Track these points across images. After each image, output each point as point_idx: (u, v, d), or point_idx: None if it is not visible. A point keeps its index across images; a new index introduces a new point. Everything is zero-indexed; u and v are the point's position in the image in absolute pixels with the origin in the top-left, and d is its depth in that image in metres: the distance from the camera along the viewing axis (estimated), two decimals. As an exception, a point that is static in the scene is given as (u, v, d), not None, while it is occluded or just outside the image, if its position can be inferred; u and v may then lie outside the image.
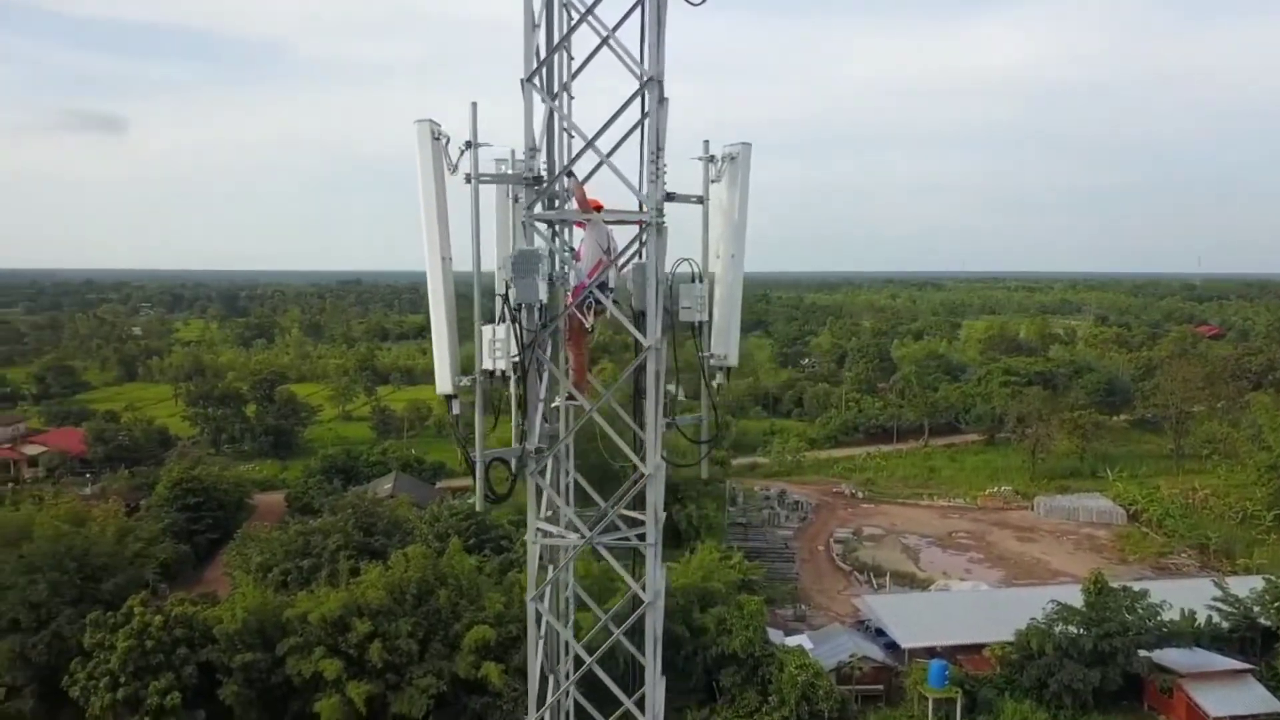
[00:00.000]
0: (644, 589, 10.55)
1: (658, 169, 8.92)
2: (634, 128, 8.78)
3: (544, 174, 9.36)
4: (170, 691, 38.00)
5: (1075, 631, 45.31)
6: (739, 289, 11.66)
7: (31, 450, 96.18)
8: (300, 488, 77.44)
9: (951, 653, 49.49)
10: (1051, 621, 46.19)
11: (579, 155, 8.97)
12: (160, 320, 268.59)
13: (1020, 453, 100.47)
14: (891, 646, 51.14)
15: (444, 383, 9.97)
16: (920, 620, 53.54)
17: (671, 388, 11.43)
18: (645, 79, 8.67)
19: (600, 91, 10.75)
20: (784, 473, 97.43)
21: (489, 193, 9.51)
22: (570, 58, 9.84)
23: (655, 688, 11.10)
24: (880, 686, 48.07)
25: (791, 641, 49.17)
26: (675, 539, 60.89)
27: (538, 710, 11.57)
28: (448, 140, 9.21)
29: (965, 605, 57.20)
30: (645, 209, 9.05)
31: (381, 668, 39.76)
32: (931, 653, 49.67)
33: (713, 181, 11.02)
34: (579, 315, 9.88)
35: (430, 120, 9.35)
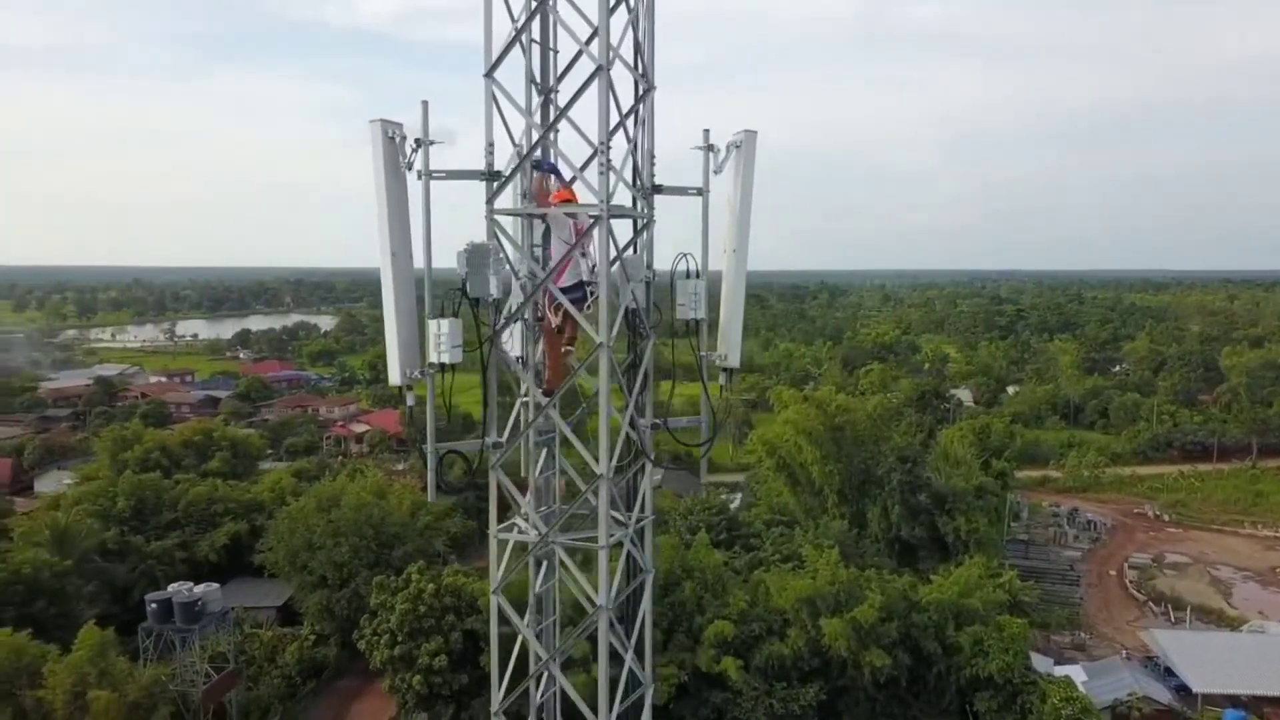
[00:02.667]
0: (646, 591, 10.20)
1: (607, 160, 8.64)
2: (623, 117, 8.54)
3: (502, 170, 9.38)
4: (439, 654, 41.50)
5: None
6: (742, 286, 11.08)
7: (359, 429, 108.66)
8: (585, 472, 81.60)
9: (1258, 704, 43.47)
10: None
11: (534, 148, 8.87)
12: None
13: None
14: (1181, 689, 45.73)
15: (395, 374, 10.21)
16: (1221, 663, 47.39)
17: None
18: (597, 67, 8.47)
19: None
20: (1079, 489, 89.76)
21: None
22: (555, 50, 9.73)
23: (605, 697, 10.85)
24: (1163, 732, 43.27)
25: (1062, 671, 45.30)
26: (942, 551, 58.00)
27: (501, 703, 11.60)
28: (403, 139, 9.51)
29: (1281, 652, 49.98)
30: (597, 201, 8.77)
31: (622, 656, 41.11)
32: (1232, 701, 43.90)
33: (716, 173, 10.46)
34: (549, 315, 9.75)
35: (384, 120, 9.55)
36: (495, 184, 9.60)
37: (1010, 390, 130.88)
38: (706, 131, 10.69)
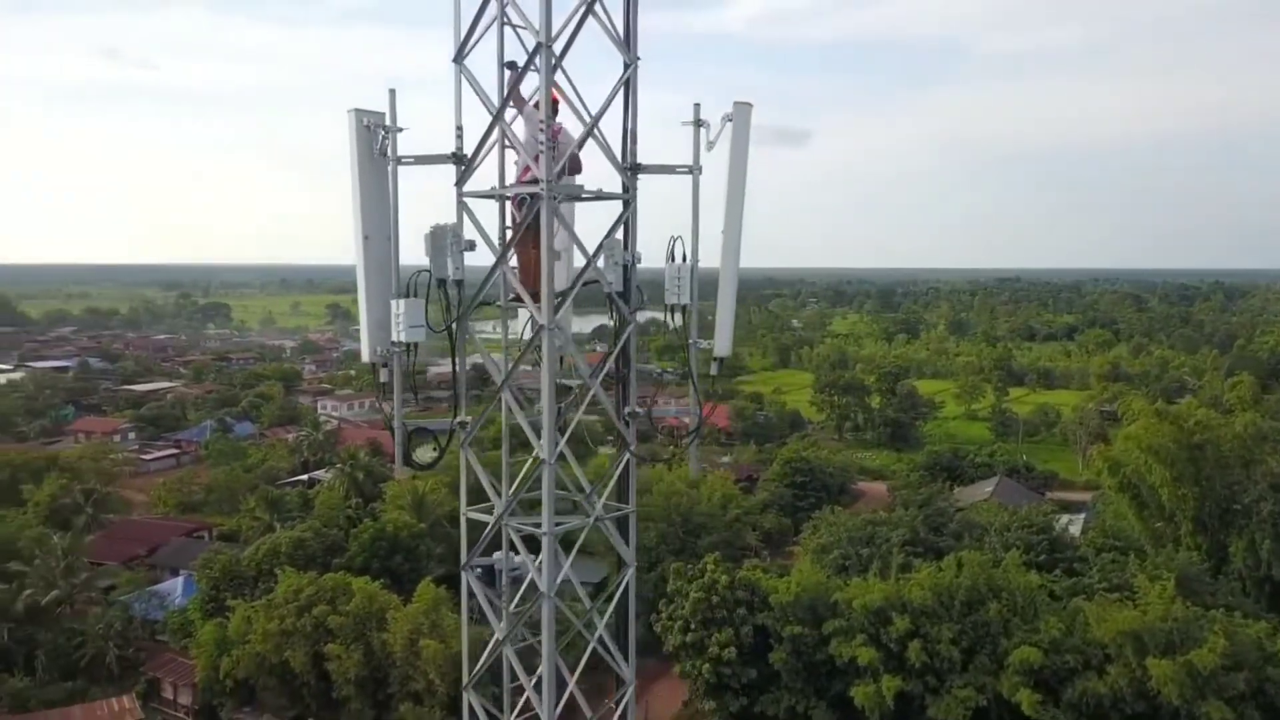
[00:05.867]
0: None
1: (550, 140, 7.95)
2: (612, 97, 7.96)
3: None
4: (729, 646, 41.99)
5: None
6: (734, 272, 9.99)
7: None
8: (902, 480, 78.93)
9: None
10: None
11: (491, 128, 8.33)
12: (821, 314, 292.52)
13: None
14: None
15: (366, 352, 10.48)
16: None
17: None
18: (537, 43, 8.18)
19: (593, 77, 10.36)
20: None
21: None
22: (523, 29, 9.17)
23: (550, 687, 10.53)
24: None
25: None
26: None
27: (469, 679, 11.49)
28: (378, 127, 9.39)
29: None
30: (542, 181, 8.09)
31: (919, 668, 39.19)
32: None
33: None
34: (513, 211, 9.40)
35: (359, 110, 9.69)
36: (464, 167, 9.72)
37: None
38: (697, 106, 10.06)
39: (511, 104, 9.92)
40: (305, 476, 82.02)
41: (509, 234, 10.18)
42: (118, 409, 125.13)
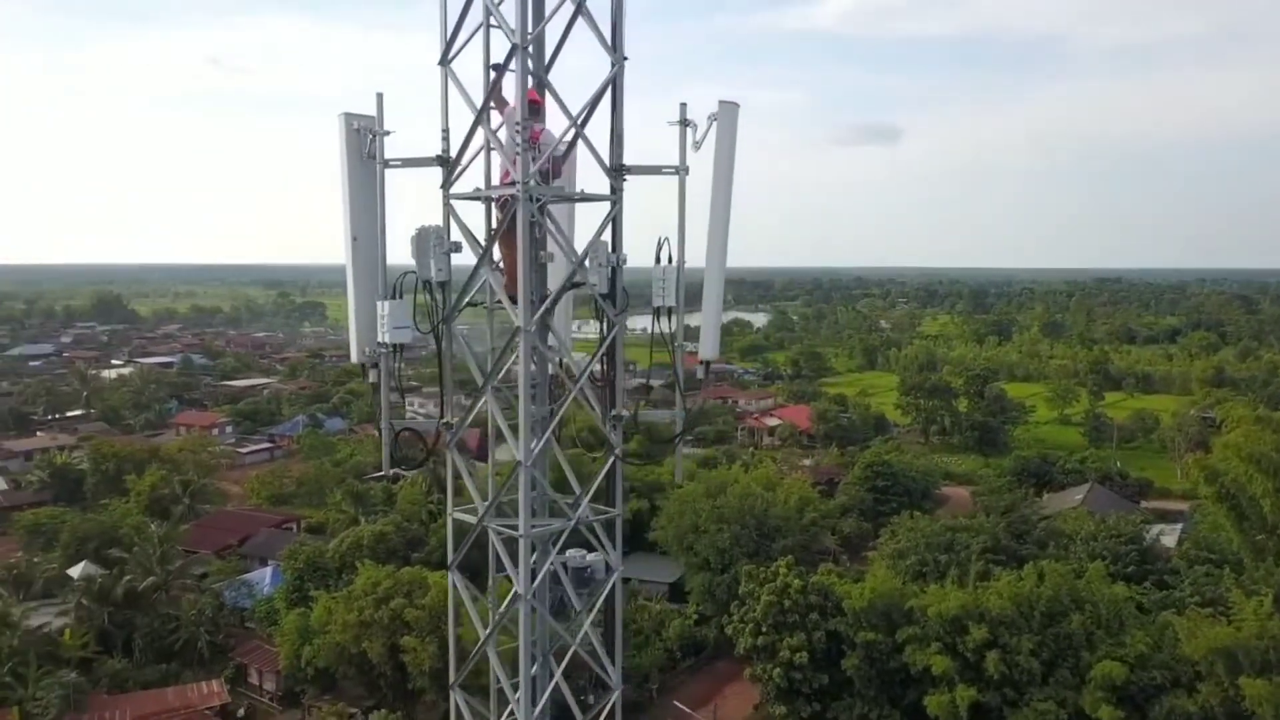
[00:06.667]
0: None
1: (524, 139, 7.72)
2: (598, 95, 7.76)
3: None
4: (800, 650, 41.51)
5: None
6: (721, 272, 9.58)
7: (771, 422, 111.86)
8: (988, 486, 76.90)
9: None
10: None
11: (472, 130, 8.17)
12: (910, 315, 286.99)
13: None
14: None
15: (355, 353, 10.56)
16: None
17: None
18: (513, 45, 8.04)
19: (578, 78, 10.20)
20: None
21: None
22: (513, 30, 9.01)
23: (525, 691, 10.49)
24: None
25: None
26: None
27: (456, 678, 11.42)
28: (366, 131, 9.33)
29: None
30: (517, 182, 7.89)
31: (997, 679, 38.12)
32: None
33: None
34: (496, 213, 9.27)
35: (349, 114, 9.68)
36: (448, 169, 9.69)
37: None
38: (684, 106, 9.80)
39: (495, 106, 9.95)
40: (390, 471, 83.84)
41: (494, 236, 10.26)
42: (217, 404, 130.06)
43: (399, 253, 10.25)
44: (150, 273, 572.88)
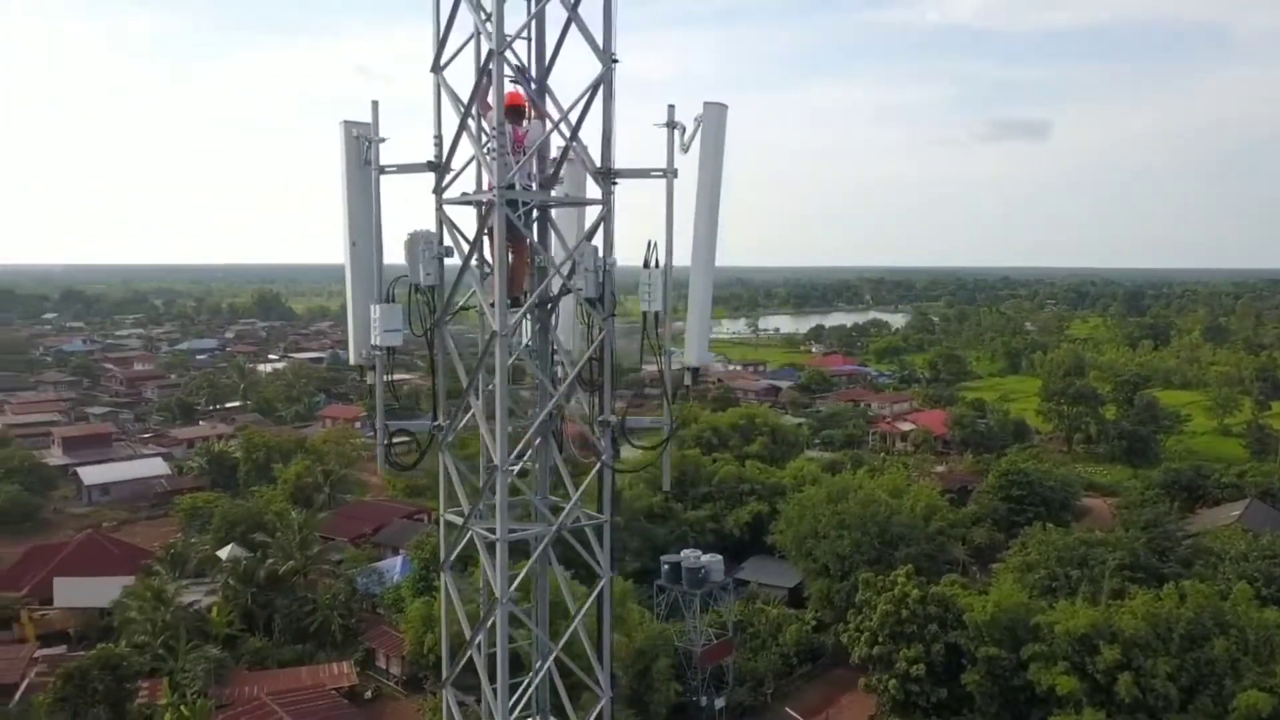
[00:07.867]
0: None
1: (503, 143, 7.42)
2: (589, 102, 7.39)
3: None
4: (917, 662, 40.34)
5: None
6: (709, 278, 9.03)
7: (904, 426, 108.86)
8: (1133, 498, 72.75)
9: None
10: None
11: (458, 135, 7.90)
12: (1058, 316, 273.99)
13: None
14: None
15: (353, 355, 10.69)
16: None
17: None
18: (492, 49, 7.90)
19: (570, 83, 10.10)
20: None
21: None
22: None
23: (502, 698, 10.28)
24: None
25: None
26: None
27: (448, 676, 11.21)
28: (365, 138, 9.21)
29: None
30: (493, 187, 7.59)
31: (1130, 704, 36.06)
32: None
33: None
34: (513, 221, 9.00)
35: (349, 121, 9.69)
36: (440, 175, 9.61)
37: None
38: (671, 107, 9.36)
39: (483, 112, 10.00)
40: (519, 465, 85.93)
41: (485, 241, 10.30)
42: (361, 398, 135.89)
43: (399, 256, 10.50)
44: (304, 272, 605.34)
